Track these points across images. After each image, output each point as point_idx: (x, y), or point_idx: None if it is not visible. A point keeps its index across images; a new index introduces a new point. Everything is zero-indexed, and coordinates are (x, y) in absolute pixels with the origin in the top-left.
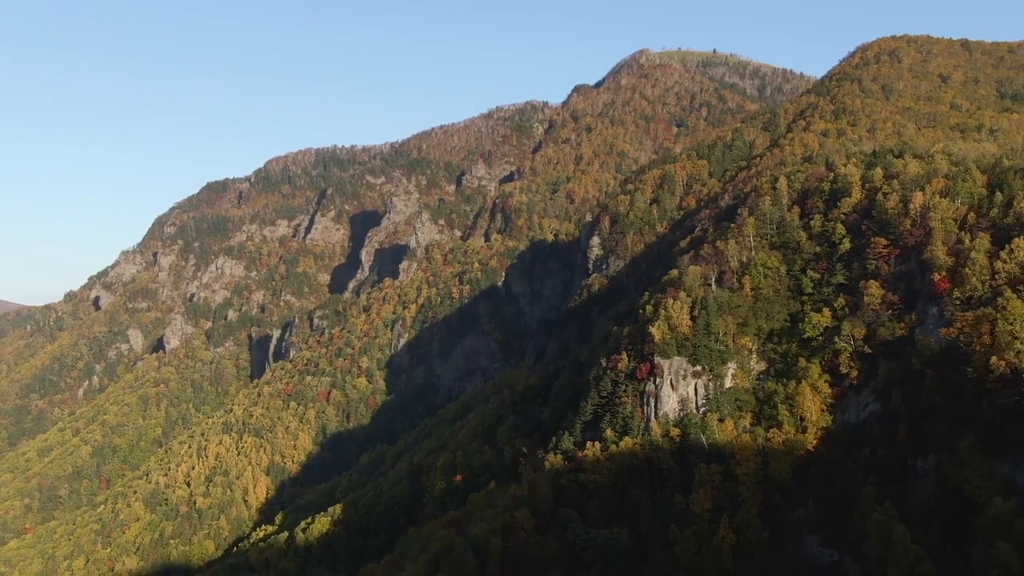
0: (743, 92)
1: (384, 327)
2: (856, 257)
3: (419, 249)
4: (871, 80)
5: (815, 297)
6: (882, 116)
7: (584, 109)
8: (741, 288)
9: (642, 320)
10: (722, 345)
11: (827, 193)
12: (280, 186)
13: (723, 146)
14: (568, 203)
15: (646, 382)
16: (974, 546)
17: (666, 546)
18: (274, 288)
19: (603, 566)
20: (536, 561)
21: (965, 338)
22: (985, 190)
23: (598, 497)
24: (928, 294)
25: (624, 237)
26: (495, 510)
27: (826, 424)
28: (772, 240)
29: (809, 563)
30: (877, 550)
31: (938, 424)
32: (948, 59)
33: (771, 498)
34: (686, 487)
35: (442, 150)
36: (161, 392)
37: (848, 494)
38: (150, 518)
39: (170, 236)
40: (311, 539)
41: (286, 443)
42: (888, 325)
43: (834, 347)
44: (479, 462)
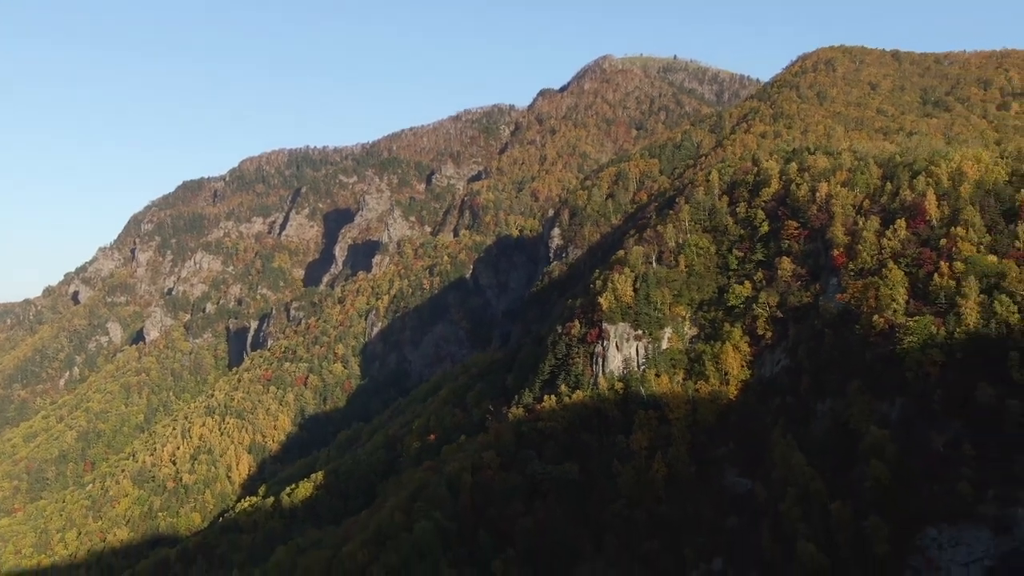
0: (701, 97)
1: (358, 317)
2: (773, 238)
3: (391, 244)
4: (808, 87)
5: (739, 272)
6: (815, 120)
7: (549, 112)
8: (677, 265)
9: (592, 293)
10: (660, 313)
11: (751, 184)
12: (254, 185)
13: (673, 146)
14: (533, 201)
15: (595, 345)
16: (855, 467)
17: (610, 478)
18: (251, 282)
19: (557, 495)
20: (501, 492)
21: (856, 302)
22: (879, 181)
23: (553, 440)
24: (829, 267)
25: (582, 228)
26: (466, 453)
27: (745, 377)
28: (704, 224)
29: (728, 491)
30: (780, 475)
31: (834, 374)
32: (879, 68)
33: (698, 438)
34: (627, 430)
35: (412, 151)
36: (142, 381)
37: (761, 434)
38: (138, 493)
39: (147, 233)
40: (296, 502)
41: (266, 424)
42: (797, 294)
43: (753, 313)
44: (451, 423)
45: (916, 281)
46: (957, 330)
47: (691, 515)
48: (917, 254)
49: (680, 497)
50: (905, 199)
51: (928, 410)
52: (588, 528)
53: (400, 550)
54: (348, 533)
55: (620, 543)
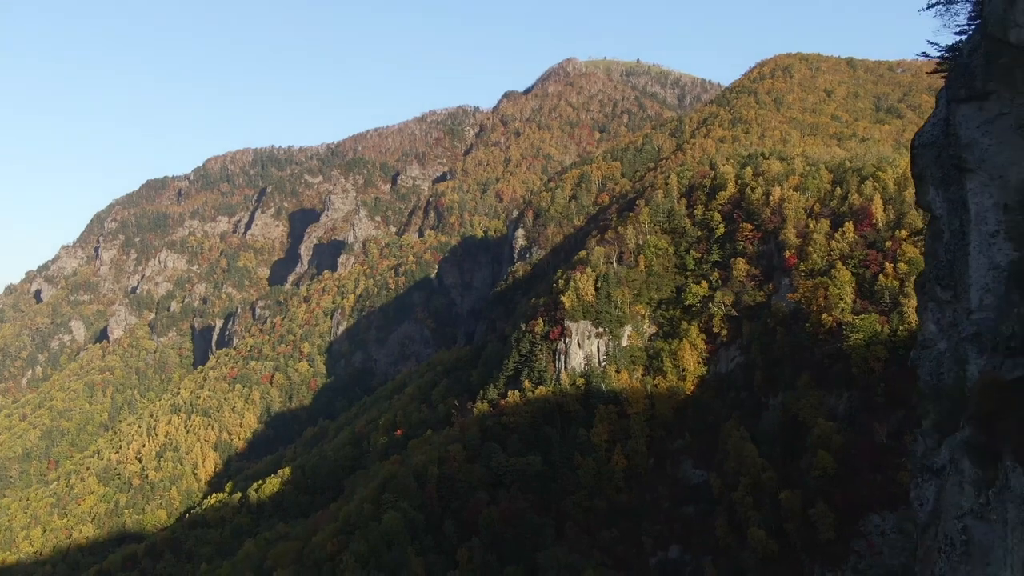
0: (663, 101)
1: (324, 316)
2: (728, 239)
3: (357, 244)
4: (765, 93)
5: (696, 272)
6: (772, 125)
7: (513, 114)
8: (637, 265)
9: (555, 292)
10: (620, 311)
11: (708, 188)
12: (219, 184)
13: (635, 150)
14: (497, 202)
15: (558, 342)
16: (804, 457)
17: (571, 470)
18: (216, 281)
19: (520, 486)
20: (466, 484)
21: (806, 301)
22: (829, 186)
23: (517, 433)
24: (782, 268)
25: (546, 229)
26: (432, 447)
27: (701, 373)
28: (663, 226)
29: (684, 482)
30: (733, 466)
31: (785, 369)
32: (834, 75)
33: (656, 432)
34: (588, 424)
35: (377, 151)
36: (107, 379)
37: (716, 427)
38: (104, 491)
39: (111, 231)
40: (263, 497)
41: (232, 422)
42: (751, 293)
43: (709, 312)
44: (417, 419)
45: (863, 281)
46: (900, 328)
47: (649, 504)
48: (864, 256)
49: (639, 488)
50: (853, 203)
51: (872, 403)
52: (550, 517)
53: (369, 539)
54: (317, 525)
55: (581, 531)
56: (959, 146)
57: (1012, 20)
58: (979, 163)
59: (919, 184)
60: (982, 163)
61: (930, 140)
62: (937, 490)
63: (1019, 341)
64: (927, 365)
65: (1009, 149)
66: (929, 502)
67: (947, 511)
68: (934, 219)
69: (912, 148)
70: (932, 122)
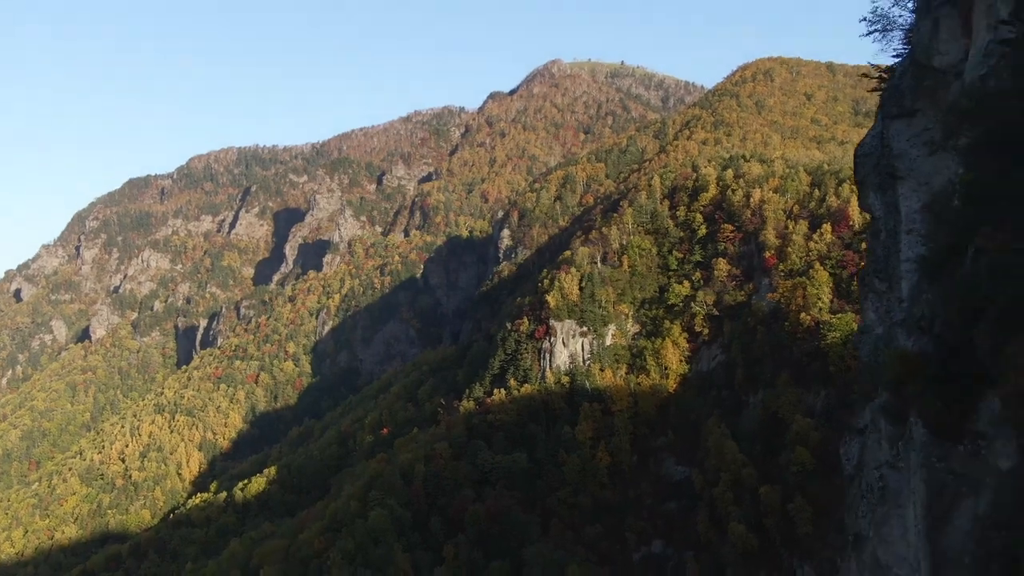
0: (647, 103)
1: (309, 315)
2: (710, 240)
3: (342, 244)
4: (747, 96)
5: (678, 272)
6: (753, 128)
7: (499, 115)
8: (621, 265)
9: (540, 291)
10: (604, 311)
11: (691, 189)
12: (203, 183)
13: (619, 151)
14: (483, 202)
15: (543, 341)
16: (782, 453)
17: (556, 467)
18: (200, 280)
19: (506, 483)
20: (452, 481)
21: (785, 301)
22: (808, 188)
23: (503, 431)
24: (762, 268)
25: (531, 230)
26: (418, 445)
27: (684, 371)
28: (646, 227)
29: (667, 478)
30: (714, 462)
31: (765, 367)
32: (814, 79)
33: (639, 429)
34: (573, 421)
35: (363, 151)
36: (89, 379)
37: (698, 425)
38: (87, 491)
39: (93, 230)
40: (249, 497)
41: (217, 421)
42: (732, 293)
43: (691, 311)
44: (403, 418)
45: (840, 281)
46: None
47: (632, 501)
48: (841, 256)
49: (622, 484)
50: (831, 205)
51: (849, 400)
52: (536, 514)
53: (356, 536)
54: (304, 523)
55: (566, 527)
56: (892, 156)
57: (935, 48)
58: (908, 171)
59: (861, 189)
60: (911, 171)
61: (869, 151)
62: (860, 447)
63: (927, 322)
64: (866, 347)
65: (933, 159)
66: (854, 457)
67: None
68: (874, 219)
69: (855, 157)
70: (871, 135)
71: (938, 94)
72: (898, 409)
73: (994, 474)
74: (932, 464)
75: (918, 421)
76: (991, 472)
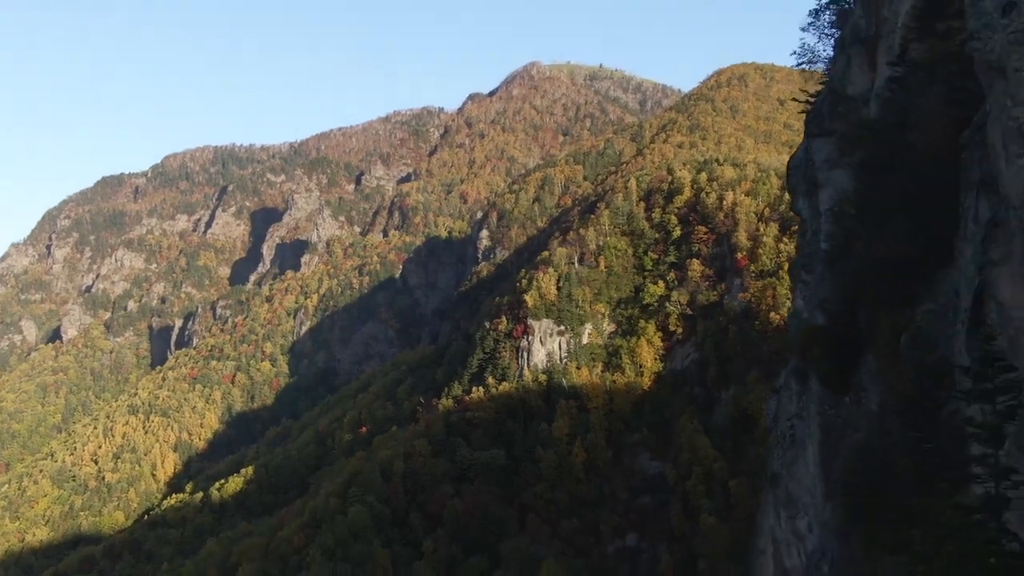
0: (625, 105)
1: (287, 315)
2: (684, 241)
3: (320, 244)
4: (722, 101)
5: (653, 272)
6: (728, 132)
7: (478, 116)
8: (597, 266)
9: (519, 291)
10: (581, 310)
11: (666, 192)
12: (178, 182)
13: (596, 154)
14: (462, 203)
15: (521, 339)
16: (752, 447)
17: (533, 463)
18: (175, 280)
19: (484, 479)
20: (431, 477)
21: (756, 300)
22: (779, 191)
23: (481, 428)
24: (734, 269)
25: (509, 230)
26: (398, 442)
27: (658, 369)
28: (623, 228)
29: (641, 474)
30: (687, 457)
31: (736, 365)
32: (787, 85)
33: (615, 426)
34: (550, 418)
35: (341, 151)
36: (60, 380)
37: (671, 421)
38: (58, 493)
39: (64, 229)
40: (225, 496)
41: (193, 422)
42: (705, 293)
43: (666, 311)
44: (382, 416)
45: None
46: None
47: (607, 496)
48: None
49: (598, 479)
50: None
51: None
52: (513, 509)
53: (335, 532)
54: (282, 521)
55: (542, 522)
56: (814, 168)
57: (848, 79)
58: (826, 181)
59: (792, 195)
60: (828, 181)
61: (798, 163)
62: (776, 404)
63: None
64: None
65: (844, 171)
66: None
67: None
68: (802, 221)
69: (788, 168)
70: (800, 149)
71: (849, 118)
72: (803, 371)
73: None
74: (825, 411)
75: (815, 379)
76: (866, 415)
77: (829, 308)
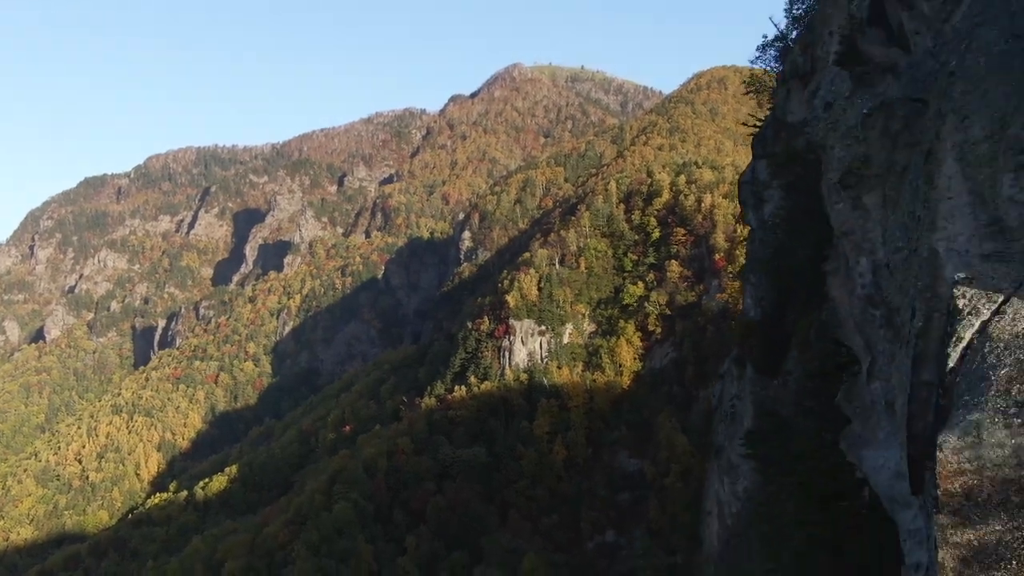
0: (606, 107)
1: (270, 316)
2: (663, 243)
3: (303, 244)
4: (702, 103)
5: (633, 273)
6: (707, 134)
7: (460, 118)
8: (578, 267)
9: (500, 292)
10: (562, 310)
11: (645, 194)
12: (161, 183)
13: (577, 156)
14: (444, 204)
15: (502, 339)
16: None
17: (514, 460)
18: (158, 281)
19: (466, 476)
20: (414, 475)
21: (733, 301)
22: None
23: (463, 426)
24: (711, 270)
25: (491, 232)
26: (381, 440)
27: (637, 369)
28: (603, 230)
29: (620, 471)
30: (665, 455)
31: (714, 365)
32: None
33: (594, 424)
34: (531, 417)
35: (323, 152)
36: (43, 380)
37: (650, 419)
38: (42, 492)
39: (47, 229)
40: (210, 495)
41: (176, 422)
42: (684, 293)
43: (645, 311)
44: (365, 415)
45: None
46: None
47: (587, 492)
48: None
49: (577, 476)
50: None
51: None
52: (494, 505)
53: (320, 528)
54: (267, 518)
55: (523, 518)
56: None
57: (788, 109)
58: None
59: (742, 207)
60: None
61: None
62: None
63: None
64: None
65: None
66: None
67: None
68: (751, 231)
69: (738, 184)
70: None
71: (789, 143)
72: (741, 359)
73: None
74: (758, 392)
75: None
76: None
77: (764, 306)
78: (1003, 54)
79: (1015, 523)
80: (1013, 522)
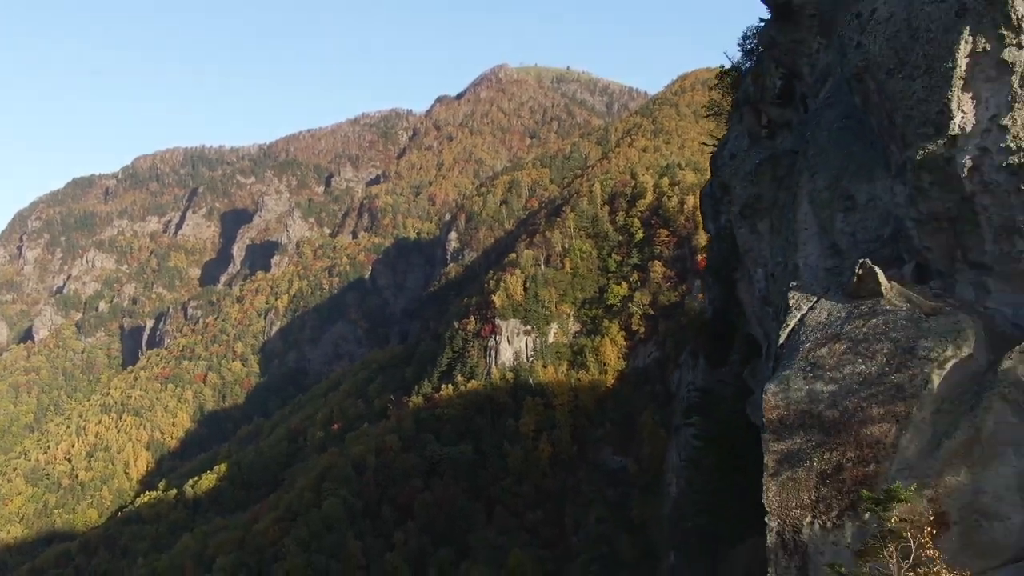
0: (592, 108)
1: (258, 316)
2: (647, 244)
3: (290, 245)
4: (685, 105)
5: (617, 274)
6: (691, 136)
7: (446, 119)
8: (563, 267)
9: (487, 292)
10: (547, 310)
11: (629, 196)
12: (148, 183)
13: (563, 157)
14: (430, 205)
15: (489, 339)
16: None
17: (500, 458)
18: (146, 281)
19: (453, 473)
20: (402, 472)
21: None
22: None
23: (450, 424)
24: (694, 270)
25: (478, 232)
26: (369, 438)
27: (621, 367)
28: (587, 231)
29: (604, 468)
30: (649, 452)
31: None
32: None
33: (579, 422)
34: (517, 415)
35: (310, 153)
36: (32, 380)
37: (634, 417)
38: (32, 491)
39: (35, 230)
40: (199, 493)
41: (165, 421)
42: (667, 294)
43: (629, 311)
44: (353, 414)
45: None
46: None
47: (571, 489)
48: None
49: (562, 473)
50: None
51: None
52: (481, 502)
53: (310, 525)
54: (257, 515)
55: (509, 514)
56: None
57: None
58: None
59: (704, 218)
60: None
61: (707, 193)
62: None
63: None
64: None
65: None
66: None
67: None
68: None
69: (700, 197)
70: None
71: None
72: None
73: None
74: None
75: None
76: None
77: (715, 306)
78: (839, 130)
79: (808, 437)
80: (806, 436)
